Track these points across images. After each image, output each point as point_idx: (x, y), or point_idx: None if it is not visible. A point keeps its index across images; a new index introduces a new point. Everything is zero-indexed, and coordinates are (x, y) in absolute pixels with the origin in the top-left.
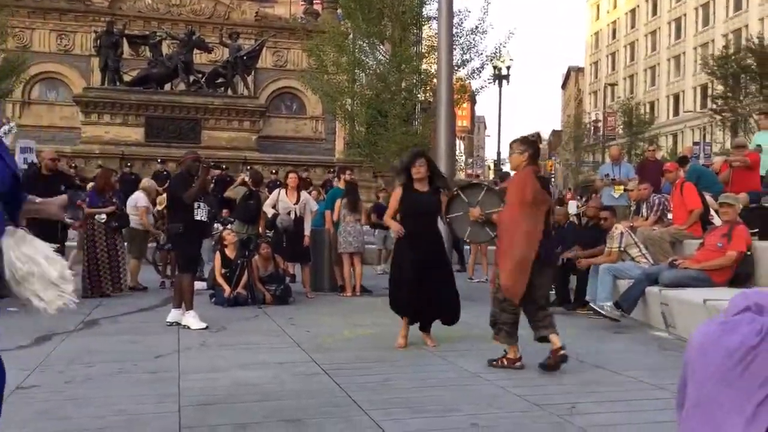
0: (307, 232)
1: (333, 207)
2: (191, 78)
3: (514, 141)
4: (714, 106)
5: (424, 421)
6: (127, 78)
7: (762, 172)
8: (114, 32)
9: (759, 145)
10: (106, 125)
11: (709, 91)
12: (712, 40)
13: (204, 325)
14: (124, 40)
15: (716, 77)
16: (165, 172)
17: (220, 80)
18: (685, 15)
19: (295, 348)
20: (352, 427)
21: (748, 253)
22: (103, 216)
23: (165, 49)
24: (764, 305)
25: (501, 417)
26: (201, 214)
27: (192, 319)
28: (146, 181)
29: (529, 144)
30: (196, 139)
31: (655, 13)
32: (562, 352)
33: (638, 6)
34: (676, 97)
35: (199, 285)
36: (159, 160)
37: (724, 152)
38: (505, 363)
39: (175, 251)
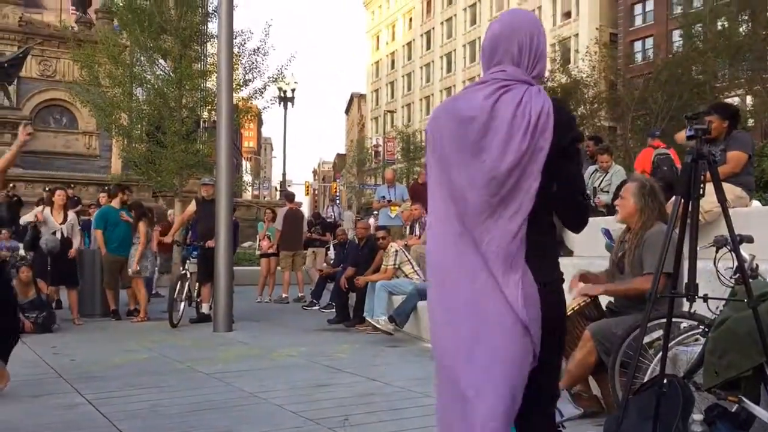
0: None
1: (104, 226)
2: None
3: None
4: None
5: None
6: None
7: None
8: None
9: None
10: None
11: None
12: (479, 74)
13: None
14: None
15: None
16: None
17: None
18: (455, 50)
19: (55, 379)
20: None
21: None
22: None
23: None
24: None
25: None
26: None
27: None
28: None
29: None
30: None
31: (429, 47)
32: None
33: (414, 40)
34: None
35: None
36: None
37: None
38: None
39: None
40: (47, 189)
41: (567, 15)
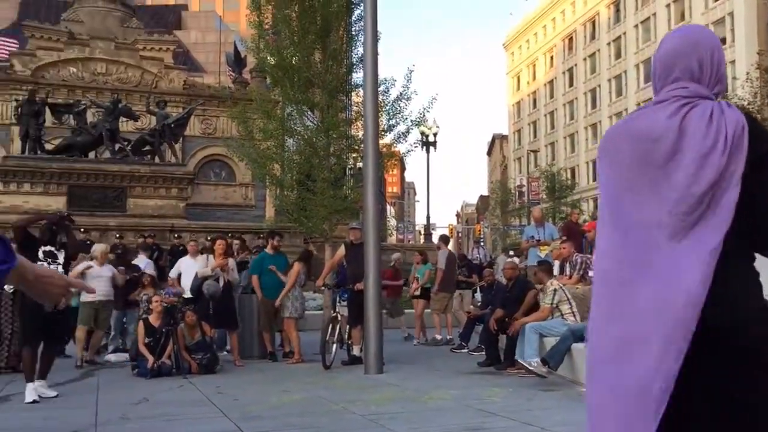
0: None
1: (260, 272)
2: (117, 146)
3: None
4: None
5: None
6: (49, 146)
7: None
8: (36, 101)
9: None
10: (25, 194)
11: None
12: (626, 109)
13: (33, 397)
14: (47, 109)
15: None
16: (88, 242)
17: (147, 148)
18: (599, 86)
19: (221, 417)
20: None
21: None
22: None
23: (90, 117)
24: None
25: None
26: None
27: (28, 392)
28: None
29: None
30: (122, 207)
31: (571, 84)
32: None
33: (556, 78)
34: (595, 163)
35: (119, 357)
36: (81, 230)
37: None
38: None
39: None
40: (209, 238)
41: (722, 42)
